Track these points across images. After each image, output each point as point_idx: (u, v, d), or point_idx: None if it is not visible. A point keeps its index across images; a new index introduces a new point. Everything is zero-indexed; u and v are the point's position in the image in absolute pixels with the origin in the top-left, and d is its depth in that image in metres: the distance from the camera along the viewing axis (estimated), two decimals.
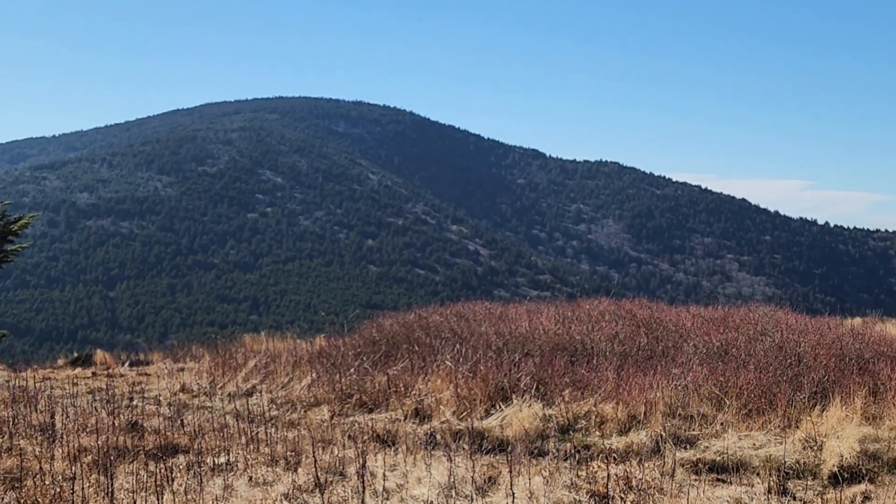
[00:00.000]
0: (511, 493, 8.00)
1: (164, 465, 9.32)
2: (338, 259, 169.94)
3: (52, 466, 9.44)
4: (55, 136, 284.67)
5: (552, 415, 11.28)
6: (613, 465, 8.74)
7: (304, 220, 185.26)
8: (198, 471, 9.24)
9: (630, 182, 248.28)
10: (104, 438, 10.49)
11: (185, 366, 20.20)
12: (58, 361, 23.05)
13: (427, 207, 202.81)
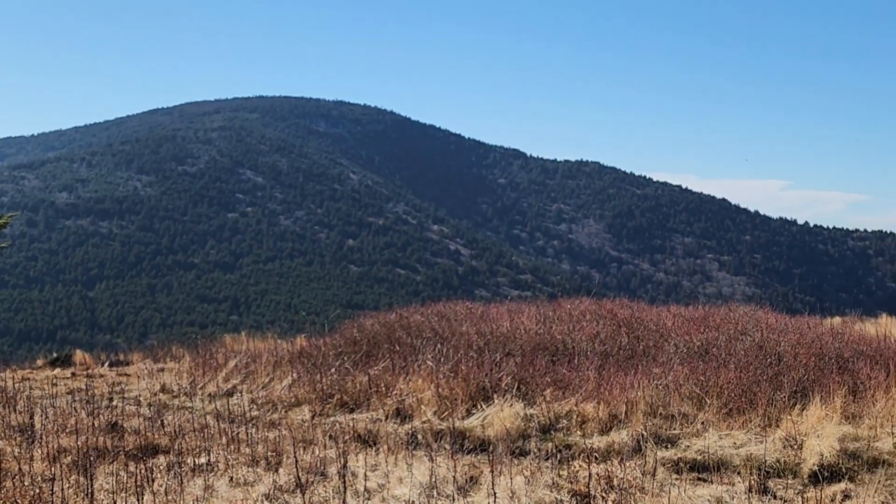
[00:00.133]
0: (493, 493, 7.99)
1: (145, 466, 9.28)
2: (318, 259, 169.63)
3: (32, 467, 9.39)
4: (34, 136, 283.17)
5: (533, 414, 11.28)
6: (595, 465, 8.75)
7: (285, 220, 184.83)
8: (178, 471, 9.21)
9: (610, 182, 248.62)
10: (84, 439, 10.44)
11: (166, 366, 20.15)
12: (37, 362, 22.96)
13: (408, 207, 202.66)
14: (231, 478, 9.19)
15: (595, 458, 9.23)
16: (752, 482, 8.50)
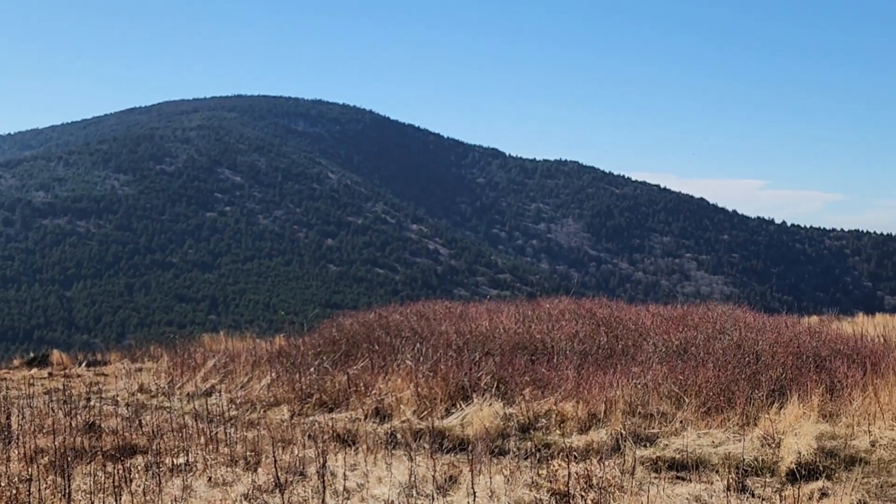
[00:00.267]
0: (472, 492, 7.99)
1: (122, 466, 9.24)
2: (297, 258, 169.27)
3: (8, 468, 9.34)
4: (10, 135, 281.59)
5: (513, 414, 11.29)
6: (574, 464, 8.76)
7: (264, 220, 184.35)
8: (156, 471, 9.17)
9: (589, 181, 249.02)
10: (61, 439, 10.39)
11: (144, 366, 20.06)
12: (13, 362, 22.82)
13: (387, 206, 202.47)
14: (210, 478, 9.16)
15: (574, 457, 9.25)
16: (731, 480, 8.53)
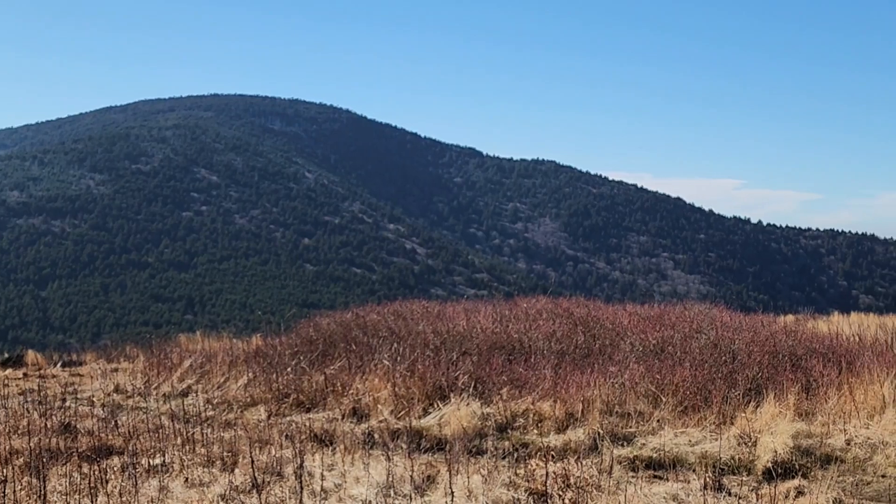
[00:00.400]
0: (450, 492, 7.99)
1: (98, 467, 9.19)
2: (274, 258, 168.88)
3: None
4: None
5: (490, 413, 11.30)
6: (552, 463, 8.77)
7: (240, 219, 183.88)
8: (132, 472, 9.13)
9: (566, 181, 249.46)
10: (36, 440, 10.33)
11: (119, 366, 19.97)
12: None
13: (364, 206, 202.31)
14: (186, 478, 9.12)
15: (552, 457, 9.25)
16: (707, 479, 8.55)
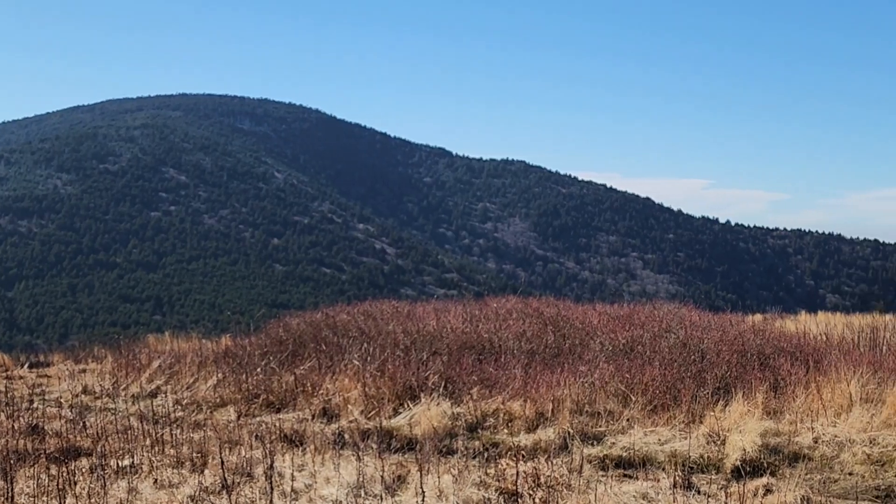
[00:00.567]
0: (421, 492, 7.99)
1: (67, 469, 9.13)
2: (243, 258, 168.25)
3: None
4: None
5: (461, 413, 11.31)
6: (522, 463, 8.78)
7: (209, 219, 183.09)
8: (101, 474, 9.07)
9: (536, 181, 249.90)
10: (3, 442, 10.26)
11: (87, 367, 19.83)
12: None
13: (333, 206, 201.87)
14: (156, 480, 9.08)
15: (522, 456, 9.26)
16: (677, 478, 8.59)
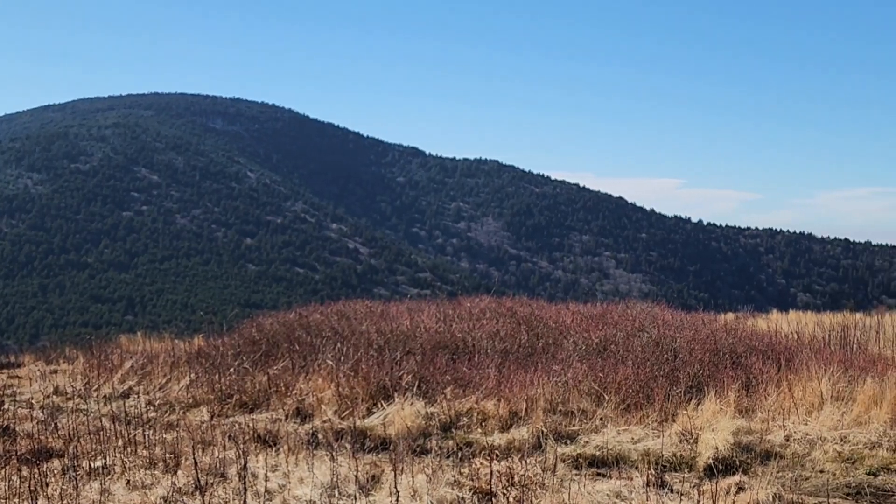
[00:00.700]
0: (395, 492, 7.99)
1: (38, 470, 9.07)
2: (216, 258, 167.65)
3: None
4: None
5: (434, 413, 11.31)
6: (496, 462, 8.79)
7: (181, 219, 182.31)
8: (73, 475, 9.03)
9: (509, 180, 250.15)
10: None
11: (59, 368, 19.71)
12: None
13: (306, 206, 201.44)
14: (128, 481, 9.04)
15: (496, 456, 9.28)
16: (650, 476, 8.63)
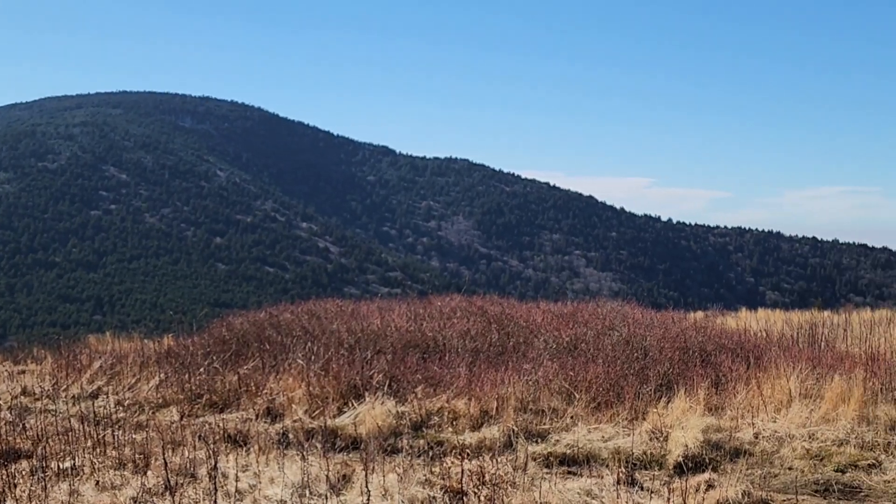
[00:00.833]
0: (366, 491, 7.98)
1: (6, 472, 9.01)
2: (185, 257, 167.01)
3: None
4: None
5: (405, 412, 11.31)
6: (467, 461, 8.81)
7: (150, 218, 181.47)
8: (42, 476, 8.97)
9: (480, 179, 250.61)
10: None
11: (26, 368, 19.55)
12: None
13: (276, 205, 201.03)
14: (97, 482, 8.99)
15: (467, 455, 9.29)
16: (620, 474, 8.67)
